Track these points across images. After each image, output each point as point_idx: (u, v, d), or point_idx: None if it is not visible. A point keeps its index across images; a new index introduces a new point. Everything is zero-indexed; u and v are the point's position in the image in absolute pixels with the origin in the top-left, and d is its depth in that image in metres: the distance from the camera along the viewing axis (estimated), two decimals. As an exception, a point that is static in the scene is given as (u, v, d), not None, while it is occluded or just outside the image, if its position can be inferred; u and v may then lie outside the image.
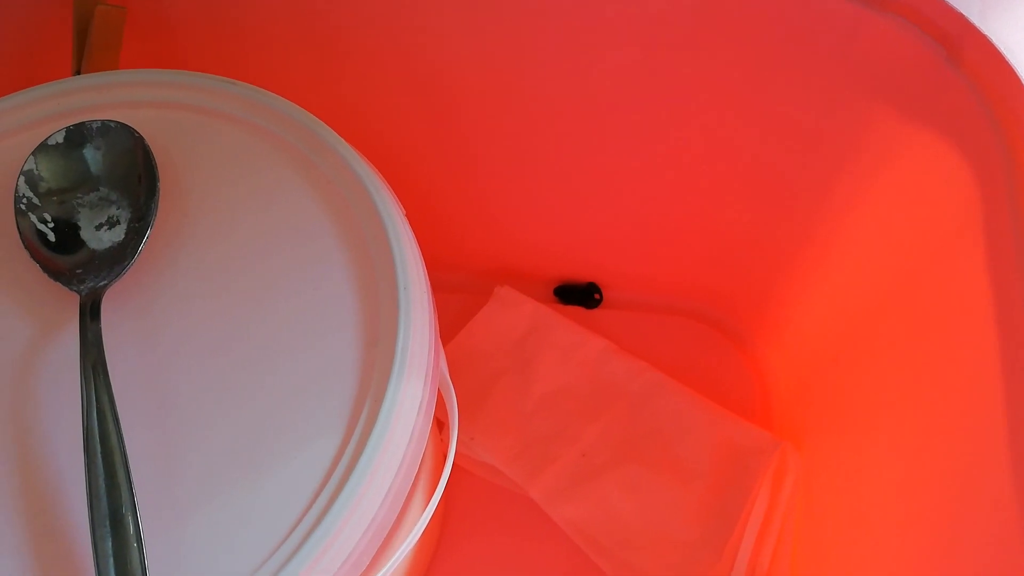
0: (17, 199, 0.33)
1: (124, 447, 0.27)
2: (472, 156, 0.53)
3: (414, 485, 0.39)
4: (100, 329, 0.30)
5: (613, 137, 0.49)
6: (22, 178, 0.33)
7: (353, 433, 0.29)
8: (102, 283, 0.32)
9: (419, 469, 0.40)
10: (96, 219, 0.34)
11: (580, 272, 0.61)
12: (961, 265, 0.36)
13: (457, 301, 0.61)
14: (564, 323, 0.59)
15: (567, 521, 0.51)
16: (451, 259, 0.61)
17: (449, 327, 0.59)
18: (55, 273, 0.32)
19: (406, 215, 0.37)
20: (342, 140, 0.37)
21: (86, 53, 0.45)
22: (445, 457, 0.38)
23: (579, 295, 0.61)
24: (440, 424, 0.56)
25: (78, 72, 0.46)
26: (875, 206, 0.43)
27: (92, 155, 0.35)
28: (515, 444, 0.54)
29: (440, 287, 0.61)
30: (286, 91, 0.37)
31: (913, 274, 0.40)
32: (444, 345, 0.58)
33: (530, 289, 0.61)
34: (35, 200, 0.34)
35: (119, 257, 0.32)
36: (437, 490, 0.38)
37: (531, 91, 0.47)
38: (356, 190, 0.35)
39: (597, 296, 0.61)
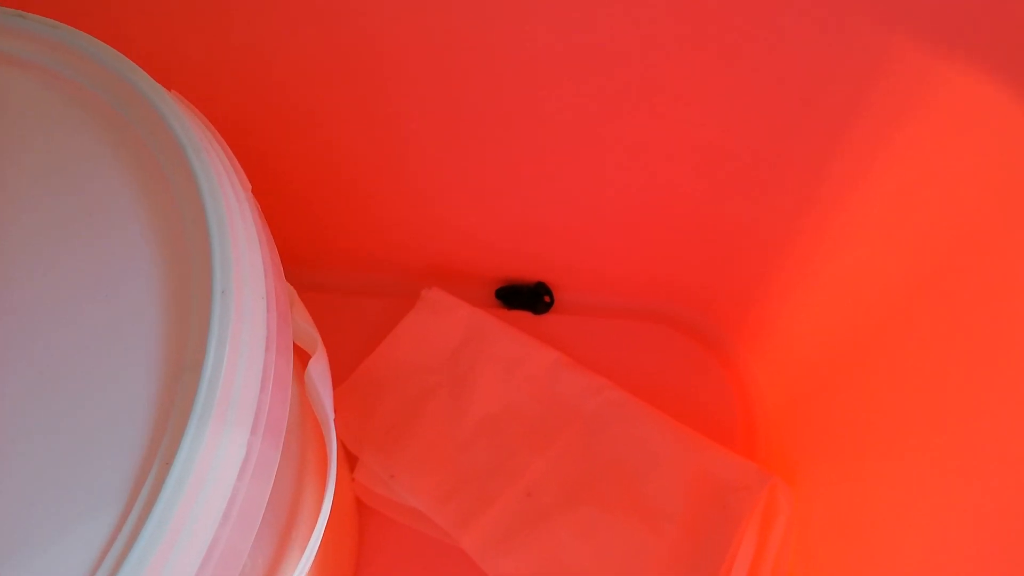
0: None
1: None
2: (400, 131, 0.45)
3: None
4: None
5: (563, 108, 0.42)
6: None
7: (131, 512, 0.21)
8: None
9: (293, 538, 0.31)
10: None
11: (526, 270, 0.54)
12: (1008, 255, 0.29)
13: (380, 307, 0.54)
14: (507, 331, 0.52)
15: None
16: (373, 255, 0.54)
17: (370, 338, 0.52)
18: None
19: (252, 190, 0.28)
20: (161, 89, 0.28)
21: None
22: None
23: (525, 297, 0.55)
24: (352, 462, 0.47)
25: None
26: (891, 177, 0.36)
27: None
28: (445, 482, 0.46)
29: (359, 291, 0.56)
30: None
31: (941, 267, 0.34)
32: (359, 361, 0.51)
33: (467, 291, 0.54)
34: None
35: None
36: (304, 558, 0.29)
37: (470, 58, 0.40)
38: (176, 157, 0.26)
39: (547, 299, 0.55)
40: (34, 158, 0.28)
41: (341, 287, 0.55)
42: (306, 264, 0.54)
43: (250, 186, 0.29)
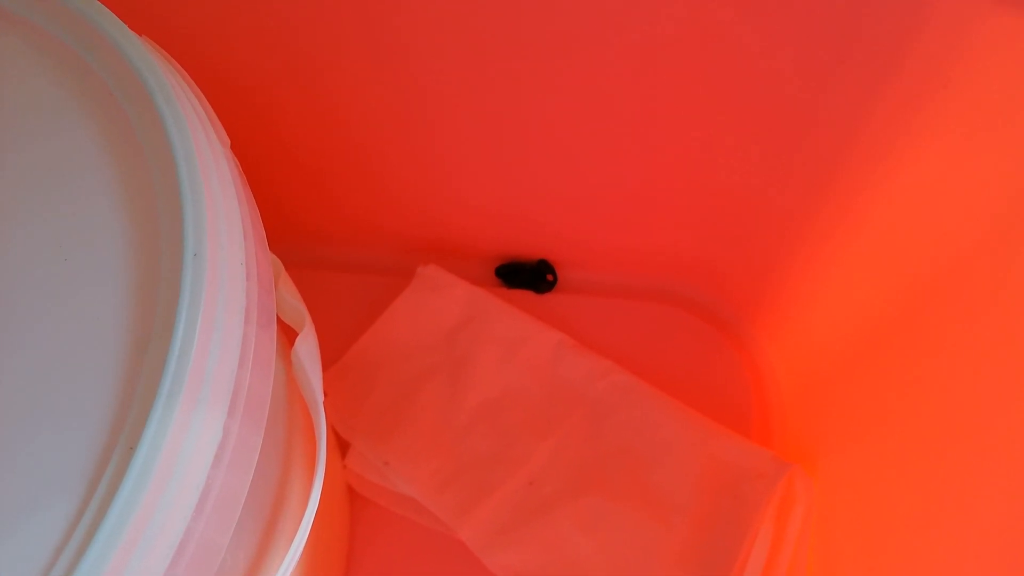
0: None
1: None
2: (406, 92, 0.43)
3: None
4: None
5: (571, 69, 0.40)
6: None
7: (90, 503, 0.19)
8: None
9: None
10: None
11: (528, 246, 0.52)
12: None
13: (373, 285, 0.52)
14: (507, 311, 0.49)
15: (509, 571, 0.41)
16: (366, 225, 0.52)
17: (363, 317, 0.50)
18: None
19: (231, 145, 0.26)
20: (129, 32, 0.25)
21: None
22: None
23: (527, 276, 0.53)
24: (343, 448, 0.44)
25: None
26: (921, 154, 0.34)
27: None
28: (442, 470, 0.44)
29: (350, 267, 0.53)
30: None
31: (969, 250, 0.32)
32: (351, 342, 0.49)
33: (465, 268, 0.52)
34: None
35: None
36: (291, 553, 0.27)
37: (483, 24, 0.38)
38: (144, 107, 0.24)
39: (550, 277, 0.53)
40: (-13, 109, 0.25)
41: (331, 263, 0.52)
42: (295, 238, 0.51)
43: (229, 142, 0.26)
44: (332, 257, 0.53)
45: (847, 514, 0.40)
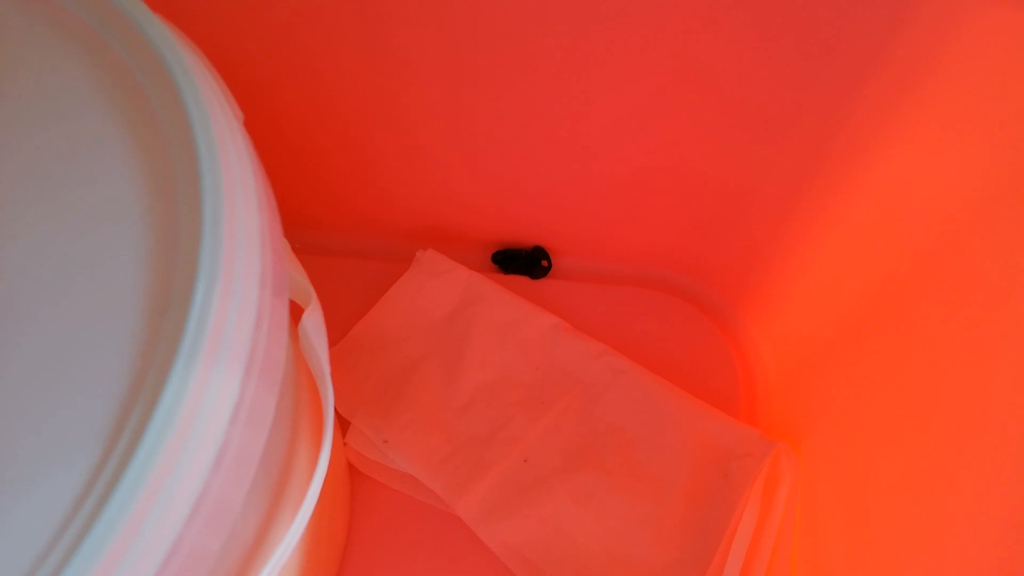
0: None
1: None
2: (405, 90, 0.43)
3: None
4: None
5: (563, 66, 0.40)
6: None
7: (110, 457, 0.20)
8: None
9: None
10: None
11: (524, 234, 0.52)
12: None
13: (373, 270, 0.52)
14: (504, 295, 0.49)
15: (504, 545, 0.42)
16: (367, 215, 0.52)
17: (362, 301, 0.50)
18: None
19: (244, 121, 0.26)
20: (145, 7, 0.26)
21: None
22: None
23: (522, 262, 0.53)
24: (343, 427, 0.45)
25: None
26: (899, 146, 0.34)
27: None
28: (440, 448, 0.44)
29: (351, 253, 0.53)
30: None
31: (947, 237, 0.33)
32: (351, 325, 0.49)
33: (463, 254, 0.52)
34: None
35: None
36: (299, 517, 0.27)
37: (474, 22, 0.38)
38: (161, 80, 0.24)
39: (544, 263, 0.53)
40: (6, 82, 0.25)
41: (332, 249, 0.52)
42: (299, 224, 0.51)
43: (243, 116, 0.26)
44: (332, 244, 0.53)
45: (831, 489, 0.40)
